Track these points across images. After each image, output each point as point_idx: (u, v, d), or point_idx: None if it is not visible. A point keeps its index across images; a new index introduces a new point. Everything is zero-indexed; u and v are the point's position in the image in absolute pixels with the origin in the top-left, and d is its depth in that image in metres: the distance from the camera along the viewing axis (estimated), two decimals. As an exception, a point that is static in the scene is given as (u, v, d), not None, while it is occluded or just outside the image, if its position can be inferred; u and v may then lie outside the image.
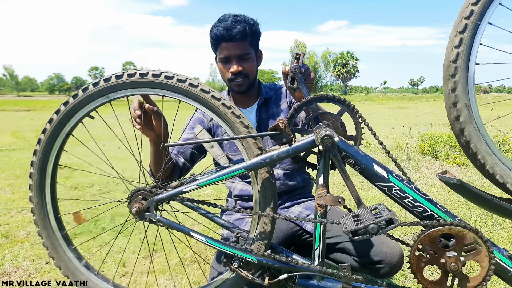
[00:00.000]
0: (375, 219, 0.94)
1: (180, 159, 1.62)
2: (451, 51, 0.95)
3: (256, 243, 1.13)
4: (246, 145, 1.09)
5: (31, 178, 1.19)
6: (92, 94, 1.08)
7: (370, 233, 0.93)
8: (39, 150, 1.14)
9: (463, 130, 0.98)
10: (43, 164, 1.16)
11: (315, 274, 1.10)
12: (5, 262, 2.12)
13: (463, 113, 0.97)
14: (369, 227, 0.93)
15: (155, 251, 2.29)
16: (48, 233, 1.23)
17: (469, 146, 0.99)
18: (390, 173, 1.06)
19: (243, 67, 1.62)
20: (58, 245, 1.24)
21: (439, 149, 5.16)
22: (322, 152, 1.07)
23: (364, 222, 0.94)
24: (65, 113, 1.10)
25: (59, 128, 1.12)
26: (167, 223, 1.10)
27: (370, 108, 22.57)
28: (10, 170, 4.69)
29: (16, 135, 8.94)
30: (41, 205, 1.21)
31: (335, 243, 1.56)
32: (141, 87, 1.07)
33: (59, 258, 1.24)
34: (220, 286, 1.16)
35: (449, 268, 0.98)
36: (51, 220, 1.24)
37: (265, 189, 1.10)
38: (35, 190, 1.19)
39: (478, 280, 1.00)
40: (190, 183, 1.08)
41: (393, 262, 1.44)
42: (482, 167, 1.00)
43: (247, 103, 1.77)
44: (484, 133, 0.98)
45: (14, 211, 3.06)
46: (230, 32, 1.55)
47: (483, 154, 0.98)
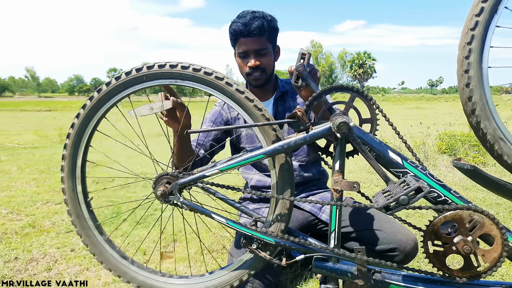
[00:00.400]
0: (404, 190, 0.96)
1: (201, 150, 1.68)
2: (466, 32, 0.98)
3: (274, 226, 1.18)
4: (264, 132, 1.14)
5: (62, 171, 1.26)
6: (126, 82, 1.15)
7: (401, 204, 0.95)
8: (70, 140, 1.22)
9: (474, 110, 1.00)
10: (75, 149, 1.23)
11: (331, 256, 1.14)
12: (33, 249, 2.22)
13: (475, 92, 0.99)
14: (400, 199, 0.95)
15: (175, 241, 2.36)
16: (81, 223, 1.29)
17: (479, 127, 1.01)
18: (405, 160, 1.09)
19: (261, 62, 1.67)
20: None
21: (457, 148, 5.11)
22: (338, 139, 1.11)
23: (394, 196, 0.97)
24: (98, 100, 1.17)
25: (91, 115, 1.19)
26: (190, 205, 1.16)
27: (387, 109, 22.24)
28: (34, 166, 4.86)
29: (39, 134, 9.22)
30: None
31: (349, 232, 1.60)
32: (171, 78, 1.14)
33: (92, 244, 1.30)
34: (240, 267, 1.22)
35: (463, 250, 1.01)
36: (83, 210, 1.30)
37: (283, 174, 1.15)
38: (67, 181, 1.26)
39: (491, 263, 1.02)
40: (212, 168, 1.14)
41: (407, 249, 1.47)
42: (486, 141, 1.02)
43: (264, 96, 1.82)
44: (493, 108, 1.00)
45: (40, 203, 3.18)
46: (248, 28, 1.60)
47: (489, 130, 1.00)
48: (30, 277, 1.89)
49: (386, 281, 1.11)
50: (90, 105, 1.18)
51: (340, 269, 1.14)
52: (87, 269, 1.98)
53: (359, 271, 1.11)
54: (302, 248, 1.15)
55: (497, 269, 1.03)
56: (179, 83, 1.14)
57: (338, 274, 1.14)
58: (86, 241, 1.28)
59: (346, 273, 1.13)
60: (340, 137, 1.09)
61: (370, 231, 1.54)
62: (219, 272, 1.25)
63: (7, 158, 5.48)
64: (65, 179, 1.24)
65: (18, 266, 2.00)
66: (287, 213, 1.18)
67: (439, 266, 1.05)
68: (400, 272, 1.14)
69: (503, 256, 1.01)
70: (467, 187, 3.49)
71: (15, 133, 9.54)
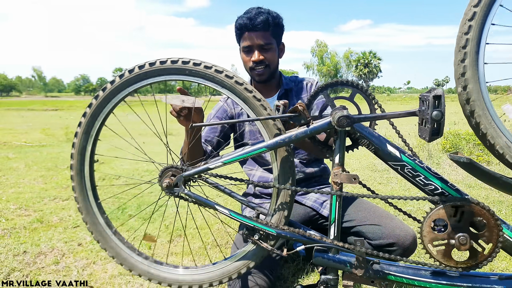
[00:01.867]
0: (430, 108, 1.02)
1: (208, 147, 1.72)
2: (464, 24, 1.00)
3: (276, 217, 1.21)
4: (266, 126, 1.18)
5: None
6: (138, 75, 1.19)
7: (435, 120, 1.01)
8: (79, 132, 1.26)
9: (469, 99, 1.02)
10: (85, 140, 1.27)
11: (331, 247, 1.17)
12: (41, 243, 2.27)
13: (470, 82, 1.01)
14: (433, 115, 1.01)
15: (179, 236, 2.40)
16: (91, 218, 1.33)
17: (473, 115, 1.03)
18: (403, 153, 1.12)
19: (265, 57, 1.69)
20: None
21: (462, 147, 5.11)
22: (338, 133, 1.14)
23: (427, 116, 1.04)
24: (110, 91, 1.20)
25: (104, 104, 1.22)
26: (194, 197, 1.19)
27: (392, 108, 22.22)
28: (41, 163, 4.93)
29: (46, 132, 9.32)
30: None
31: (350, 227, 1.63)
32: (178, 74, 1.17)
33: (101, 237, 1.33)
34: (242, 257, 1.25)
35: (458, 241, 1.03)
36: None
37: (284, 167, 1.18)
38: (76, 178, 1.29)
39: (486, 254, 1.05)
40: (216, 161, 1.17)
41: (405, 244, 1.49)
42: (480, 132, 1.04)
43: (268, 93, 1.84)
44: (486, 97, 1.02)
45: (47, 199, 3.24)
46: (252, 22, 1.64)
47: (483, 121, 1.02)
48: (39, 270, 1.94)
49: (385, 271, 1.14)
50: (96, 103, 1.22)
51: (339, 260, 1.17)
52: (94, 263, 2.03)
53: (358, 262, 1.14)
54: (302, 239, 1.18)
55: (493, 260, 1.06)
56: (190, 79, 1.17)
57: (337, 265, 1.17)
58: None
59: (346, 264, 1.16)
60: (339, 130, 1.12)
61: (369, 226, 1.57)
62: (222, 262, 1.28)
63: (15, 156, 5.56)
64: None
65: (27, 259, 2.05)
66: (288, 205, 1.21)
67: (437, 258, 1.08)
68: (398, 263, 1.17)
69: (498, 247, 1.03)
70: (471, 185, 3.50)
71: (23, 132, 9.64)
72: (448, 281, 1.10)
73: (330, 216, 1.16)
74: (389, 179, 3.86)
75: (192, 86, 13.53)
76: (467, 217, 1.04)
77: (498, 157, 1.03)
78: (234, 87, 1.16)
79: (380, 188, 3.54)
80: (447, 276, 1.11)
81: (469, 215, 1.04)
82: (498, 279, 1.09)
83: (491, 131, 1.01)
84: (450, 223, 1.05)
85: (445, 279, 1.11)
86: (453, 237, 1.05)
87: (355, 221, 1.63)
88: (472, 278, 1.10)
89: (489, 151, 1.07)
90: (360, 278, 1.16)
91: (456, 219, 1.06)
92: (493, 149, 1.02)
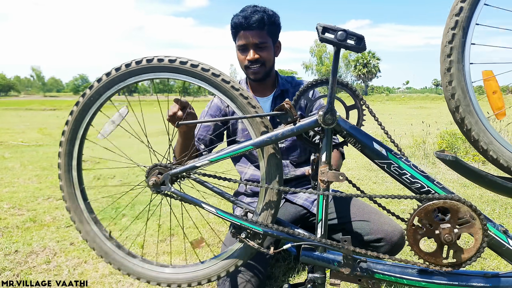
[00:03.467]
0: None
1: (201, 145, 1.71)
2: (450, 19, 1.00)
3: (263, 216, 1.21)
4: (254, 124, 1.17)
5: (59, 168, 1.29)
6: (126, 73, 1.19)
7: None
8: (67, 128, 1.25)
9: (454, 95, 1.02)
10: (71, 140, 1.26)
11: (318, 245, 1.16)
12: (33, 242, 2.27)
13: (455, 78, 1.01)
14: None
15: (172, 235, 2.40)
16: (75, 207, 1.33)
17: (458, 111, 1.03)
18: (389, 151, 1.12)
19: (260, 55, 1.68)
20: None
21: (458, 146, 5.11)
22: (325, 131, 1.13)
23: None
24: (103, 85, 1.20)
25: (96, 97, 1.22)
26: (180, 195, 1.19)
27: (391, 108, 22.29)
28: (37, 163, 4.93)
29: (43, 132, 9.32)
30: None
31: (338, 224, 1.63)
32: (165, 71, 1.17)
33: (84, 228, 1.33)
34: (230, 256, 1.25)
35: (444, 239, 1.03)
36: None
37: (271, 165, 1.18)
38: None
39: (472, 252, 1.05)
40: (203, 159, 1.17)
41: (393, 240, 1.50)
42: (470, 136, 1.04)
43: (264, 92, 1.83)
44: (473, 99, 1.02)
45: (41, 199, 3.24)
46: (248, 21, 1.62)
47: (470, 120, 1.02)
48: (30, 269, 1.93)
49: (372, 270, 1.14)
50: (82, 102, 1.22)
51: (327, 258, 1.16)
52: (85, 262, 2.02)
53: (345, 260, 1.13)
54: (289, 238, 1.17)
55: (480, 257, 1.05)
56: (171, 77, 1.17)
57: (325, 263, 1.17)
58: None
59: (333, 262, 1.16)
60: (326, 128, 1.11)
61: (357, 222, 1.58)
62: (210, 261, 1.28)
63: (11, 155, 5.55)
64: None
65: (18, 258, 2.05)
66: (275, 203, 1.20)
67: (412, 242, 1.07)
68: (385, 261, 1.16)
69: (483, 245, 1.03)
70: (465, 185, 3.51)
71: (20, 132, 9.62)
72: (435, 279, 1.10)
73: (317, 214, 1.16)
74: (384, 178, 3.86)
75: (191, 86, 13.57)
76: (453, 215, 1.04)
77: (482, 153, 1.04)
78: (220, 84, 1.15)
79: (375, 188, 3.55)
80: (434, 274, 1.11)
81: (455, 213, 1.04)
82: (484, 277, 1.09)
83: (475, 129, 1.02)
84: (436, 221, 1.05)
85: (431, 277, 1.11)
86: (439, 235, 1.04)
87: (344, 218, 1.63)
88: (458, 276, 1.10)
89: (473, 147, 1.07)
90: (347, 277, 1.16)
91: (442, 217, 1.06)
92: (477, 145, 1.03)
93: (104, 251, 1.31)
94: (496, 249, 1.09)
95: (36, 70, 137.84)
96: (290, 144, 1.80)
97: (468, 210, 1.03)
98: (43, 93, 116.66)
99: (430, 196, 1.06)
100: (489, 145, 1.03)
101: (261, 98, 1.82)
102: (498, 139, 1.03)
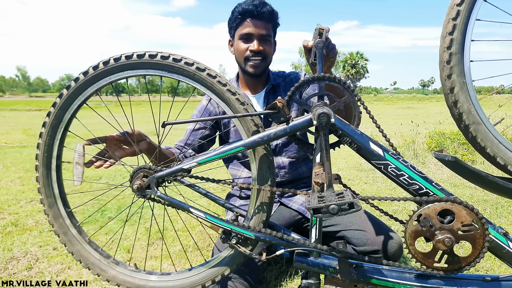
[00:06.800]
0: (337, 200, 0.95)
1: (188, 150, 1.63)
2: (447, 23, 0.96)
3: (255, 219, 1.15)
4: (244, 124, 1.12)
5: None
6: (99, 74, 1.12)
7: (330, 212, 0.95)
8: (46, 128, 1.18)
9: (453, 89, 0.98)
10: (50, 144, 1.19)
11: (312, 251, 1.11)
12: (14, 247, 2.17)
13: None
14: (330, 207, 0.95)
15: (160, 238, 2.32)
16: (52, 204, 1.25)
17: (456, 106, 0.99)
18: (386, 151, 1.07)
19: (264, 48, 1.62)
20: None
21: (447, 146, 5.13)
22: (319, 130, 1.08)
23: (327, 202, 0.96)
24: (80, 85, 1.14)
25: (74, 97, 1.16)
26: (167, 199, 1.12)
27: (379, 108, 22.44)
28: (20, 165, 4.79)
29: (27, 133, 9.10)
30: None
31: (334, 232, 1.57)
32: (142, 68, 1.10)
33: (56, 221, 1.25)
34: (220, 262, 1.19)
35: (443, 243, 0.99)
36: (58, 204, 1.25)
37: (263, 166, 1.12)
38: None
39: (473, 256, 1.01)
40: (190, 161, 1.11)
41: (390, 252, 1.44)
42: (465, 127, 1.01)
43: (256, 89, 1.77)
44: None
45: (24, 202, 3.13)
46: (259, 9, 1.57)
47: (467, 116, 0.99)
48: (10, 277, 1.84)
49: (368, 275, 1.09)
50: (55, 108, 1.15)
51: (321, 264, 1.12)
52: (69, 268, 1.94)
53: (340, 266, 1.09)
54: (282, 243, 1.12)
55: (480, 261, 1.02)
56: (152, 73, 1.10)
57: (319, 269, 1.12)
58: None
59: (328, 268, 1.11)
60: (320, 128, 1.06)
61: (354, 231, 1.51)
62: (199, 268, 1.22)
63: (-7, 157, 5.39)
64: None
65: (-3, 265, 1.95)
66: (267, 206, 1.15)
67: (421, 259, 1.03)
68: (382, 266, 1.12)
69: (484, 248, 0.99)
70: (456, 184, 3.51)
71: (4, 133, 9.38)
72: (433, 284, 1.06)
73: (311, 219, 1.11)
74: (375, 178, 3.84)
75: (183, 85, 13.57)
76: (452, 218, 1.00)
77: (480, 151, 1.01)
78: (205, 80, 1.09)
79: (366, 188, 3.52)
80: (432, 279, 1.07)
81: (454, 215, 1.00)
82: (484, 281, 1.05)
83: (473, 124, 0.98)
84: (435, 224, 1.01)
85: (430, 282, 1.06)
86: (438, 239, 1.00)
87: (340, 225, 1.57)
88: (457, 281, 1.06)
89: (470, 144, 1.04)
90: (343, 282, 1.11)
91: (441, 220, 1.02)
92: (475, 142, 1.00)
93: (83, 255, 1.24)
94: (496, 252, 1.05)
95: (22, 70, 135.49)
96: (286, 140, 1.75)
97: (469, 212, 0.99)
98: (29, 93, 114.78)
99: (429, 198, 1.01)
100: (487, 143, 0.99)
101: (253, 95, 1.76)
102: (498, 137, 1.00)
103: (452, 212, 1.00)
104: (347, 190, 1.03)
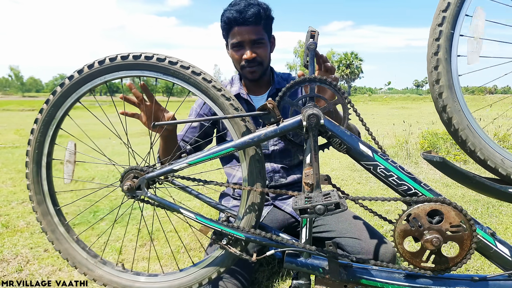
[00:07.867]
0: (324, 201, 0.96)
1: (187, 146, 1.62)
2: (437, 15, 0.97)
3: (245, 220, 1.15)
4: (235, 125, 1.12)
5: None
6: (89, 75, 1.12)
7: (316, 213, 0.96)
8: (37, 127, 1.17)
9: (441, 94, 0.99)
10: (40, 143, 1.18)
11: (303, 251, 1.12)
12: (4, 249, 2.15)
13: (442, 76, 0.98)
14: (316, 207, 0.96)
15: (152, 239, 2.31)
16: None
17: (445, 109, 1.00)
18: (375, 152, 1.08)
19: (257, 53, 1.56)
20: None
21: (440, 146, 5.17)
22: (309, 132, 1.08)
23: (313, 203, 0.97)
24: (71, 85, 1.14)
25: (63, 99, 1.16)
26: (157, 200, 1.12)
27: (373, 109, 22.54)
28: (12, 165, 4.75)
29: (20, 133, 9.03)
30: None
31: (329, 238, 1.56)
32: (136, 69, 1.10)
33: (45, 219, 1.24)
34: (211, 263, 1.19)
35: (431, 243, 1.00)
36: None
37: (253, 167, 1.12)
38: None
39: (460, 257, 1.02)
40: (181, 161, 1.11)
41: (384, 261, 1.44)
42: (456, 132, 1.02)
43: (258, 91, 1.74)
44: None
45: (15, 203, 3.10)
46: (243, 15, 1.48)
47: (455, 114, 1.00)
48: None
49: (358, 275, 1.10)
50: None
51: (311, 264, 1.12)
52: (60, 270, 1.93)
53: (330, 266, 1.09)
54: (272, 243, 1.12)
55: (467, 262, 1.03)
56: (146, 75, 1.10)
57: (309, 270, 1.12)
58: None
59: (318, 268, 1.11)
60: (310, 129, 1.06)
61: (348, 238, 1.49)
62: (189, 269, 1.22)
63: (-15, 158, 5.34)
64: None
65: (-13, 267, 1.94)
66: (258, 206, 1.15)
67: (409, 258, 1.04)
68: (371, 266, 1.12)
69: (472, 248, 1.00)
70: (448, 184, 3.53)
71: (-4, 133, 9.31)
72: (422, 284, 1.07)
73: (301, 220, 1.11)
74: (368, 178, 3.86)
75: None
76: (440, 218, 1.01)
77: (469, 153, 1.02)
78: (200, 84, 1.10)
79: (359, 188, 3.53)
80: (421, 278, 1.08)
81: (442, 215, 1.01)
82: (471, 281, 1.06)
83: (463, 128, 0.99)
84: (423, 224, 1.02)
85: (419, 282, 1.07)
86: (427, 238, 1.01)
87: (335, 232, 1.55)
88: (446, 281, 1.07)
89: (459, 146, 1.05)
90: (333, 283, 1.12)
91: (429, 220, 1.03)
92: (465, 145, 1.01)
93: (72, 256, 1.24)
94: (484, 252, 1.06)
95: (15, 70, 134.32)
96: (283, 147, 1.72)
97: (457, 213, 1.00)
98: (22, 93, 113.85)
99: (417, 199, 1.02)
100: (476, 146, 1.00)
101: (256, 97, 1.73)
102: (487, 140, 1.01)
103: (441, 213, 1.01)
104: (334, 191, 1.03)
